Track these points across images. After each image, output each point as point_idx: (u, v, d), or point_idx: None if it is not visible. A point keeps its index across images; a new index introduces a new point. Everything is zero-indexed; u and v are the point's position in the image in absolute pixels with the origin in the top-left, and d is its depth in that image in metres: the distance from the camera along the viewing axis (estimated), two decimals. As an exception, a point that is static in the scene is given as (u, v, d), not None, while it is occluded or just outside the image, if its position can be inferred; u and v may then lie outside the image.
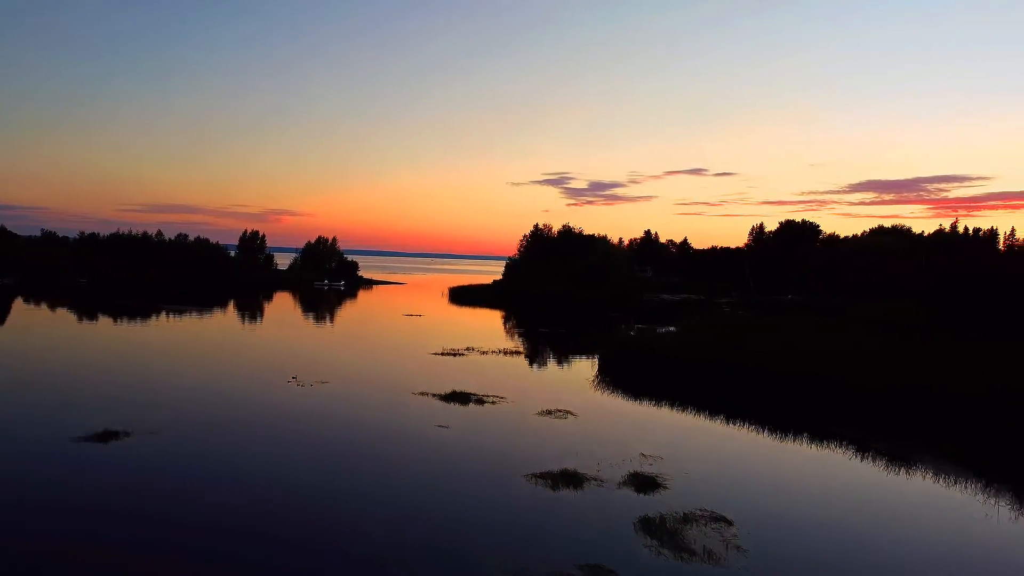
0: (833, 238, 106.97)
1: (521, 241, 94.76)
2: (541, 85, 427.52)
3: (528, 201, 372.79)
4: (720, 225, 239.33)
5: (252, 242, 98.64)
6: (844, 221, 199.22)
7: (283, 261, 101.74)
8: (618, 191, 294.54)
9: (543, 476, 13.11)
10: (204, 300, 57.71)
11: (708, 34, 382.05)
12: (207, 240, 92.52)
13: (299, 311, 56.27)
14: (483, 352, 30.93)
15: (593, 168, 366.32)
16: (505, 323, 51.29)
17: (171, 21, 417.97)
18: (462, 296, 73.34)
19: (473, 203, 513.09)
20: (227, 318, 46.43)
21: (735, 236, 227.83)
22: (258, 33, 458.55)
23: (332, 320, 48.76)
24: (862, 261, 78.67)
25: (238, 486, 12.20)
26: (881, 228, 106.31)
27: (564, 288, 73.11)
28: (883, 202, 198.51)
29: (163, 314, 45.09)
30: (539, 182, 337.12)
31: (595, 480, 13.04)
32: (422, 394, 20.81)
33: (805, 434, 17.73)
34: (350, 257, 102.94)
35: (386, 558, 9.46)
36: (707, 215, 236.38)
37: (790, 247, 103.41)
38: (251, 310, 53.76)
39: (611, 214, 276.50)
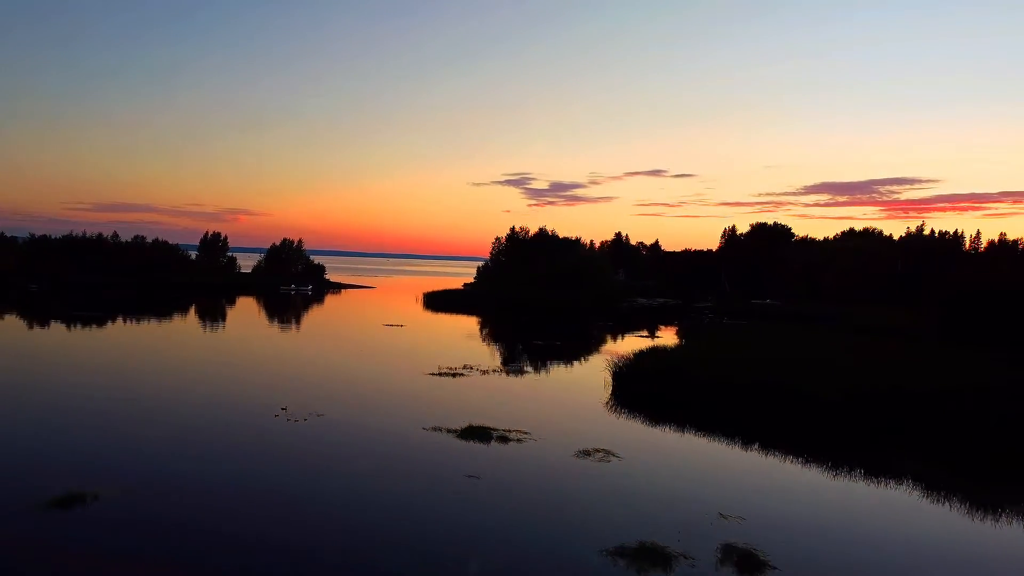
0: (807, 240, 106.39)
1: (494, 244, 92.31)
2: (501, 86, 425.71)
3: (490, 201, 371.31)
4: (681, 226, 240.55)
5: (214, 244, 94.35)
6: (801, 222, 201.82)
7: (245, 263, 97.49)
8: (579, 192, 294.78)
9: (620, 553, 10.68)
10: (165, 308, 54.15)
11: (665, 39, 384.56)
12: (166, 242, 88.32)
13: (270, 321, 52.91)
14: (483, 371, 28.35)
15: (554, 169, 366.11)
16: (492, 333, 48.77)
17: (125, 18, 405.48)
18: (438, 302, 70.60)
19: (435, 203, 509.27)
20: (193, 331, 43.03)
21: (697, 237, 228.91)
22: (214, 33, 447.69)
23: (309, 332, 45.62)
24: (844, 264, 77.99)
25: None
26: (852, 231, 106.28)
27: (544, 292, 70.85)
28: (837, 203, 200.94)
29: (122, 325, 41.63)
30: (500, 182, 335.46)
31: (684, 557, 10.65)
32: (435, 429, 18.22)
33: (861, 470, 15.81)
34: (313, 258, 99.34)
35: None
36: (667, 216, 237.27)
37: (764, 250, 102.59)
38: (217, 320, 50.30)
39: (573, 215, 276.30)
